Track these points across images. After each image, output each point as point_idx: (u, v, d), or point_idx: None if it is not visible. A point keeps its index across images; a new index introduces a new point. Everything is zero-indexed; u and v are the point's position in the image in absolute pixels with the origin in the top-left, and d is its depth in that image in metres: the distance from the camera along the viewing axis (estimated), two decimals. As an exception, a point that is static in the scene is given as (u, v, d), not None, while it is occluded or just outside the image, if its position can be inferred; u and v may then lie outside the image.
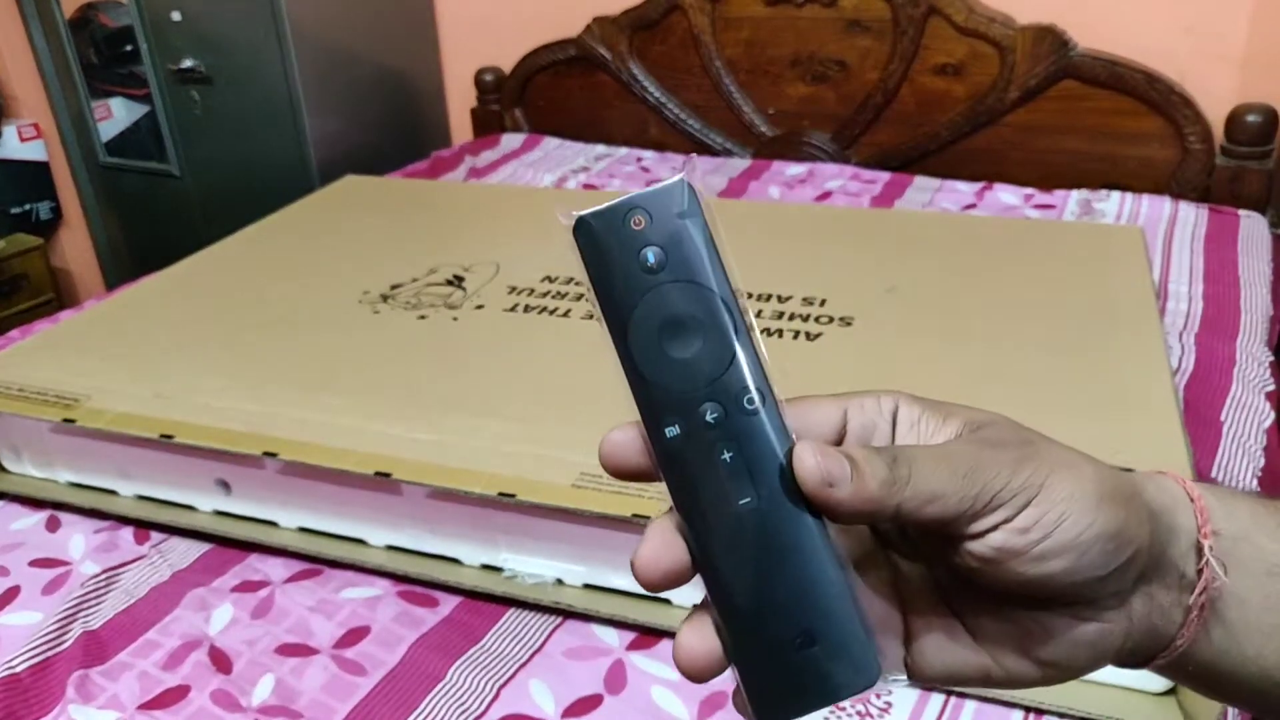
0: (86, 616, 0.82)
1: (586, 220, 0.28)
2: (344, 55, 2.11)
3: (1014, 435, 0.30)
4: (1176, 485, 0.32)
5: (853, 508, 0.28)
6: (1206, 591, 0.30)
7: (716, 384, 0.28)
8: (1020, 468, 0.29)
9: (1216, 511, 0.31)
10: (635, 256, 0.28)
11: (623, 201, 0.28)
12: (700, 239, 0.28)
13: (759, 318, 1.08)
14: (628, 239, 0.28)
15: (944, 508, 0.28)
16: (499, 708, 0.73)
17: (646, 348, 0.27)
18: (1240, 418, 1.03)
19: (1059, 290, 1.11)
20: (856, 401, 0.32)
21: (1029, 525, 0.28)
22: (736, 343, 0.28)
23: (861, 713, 0.71)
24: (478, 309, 1.13)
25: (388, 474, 0.82)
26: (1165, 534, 0.31)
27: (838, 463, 0.28)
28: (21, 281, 2.46)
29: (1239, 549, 0.31)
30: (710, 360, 0.28)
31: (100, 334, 1.11)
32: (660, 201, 0.28)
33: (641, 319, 0.27)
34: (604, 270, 0.28)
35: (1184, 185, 1.66)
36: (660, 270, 0.28)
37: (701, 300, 0.28)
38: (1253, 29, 1.63)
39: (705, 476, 0.27)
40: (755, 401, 0.28)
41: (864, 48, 1.84)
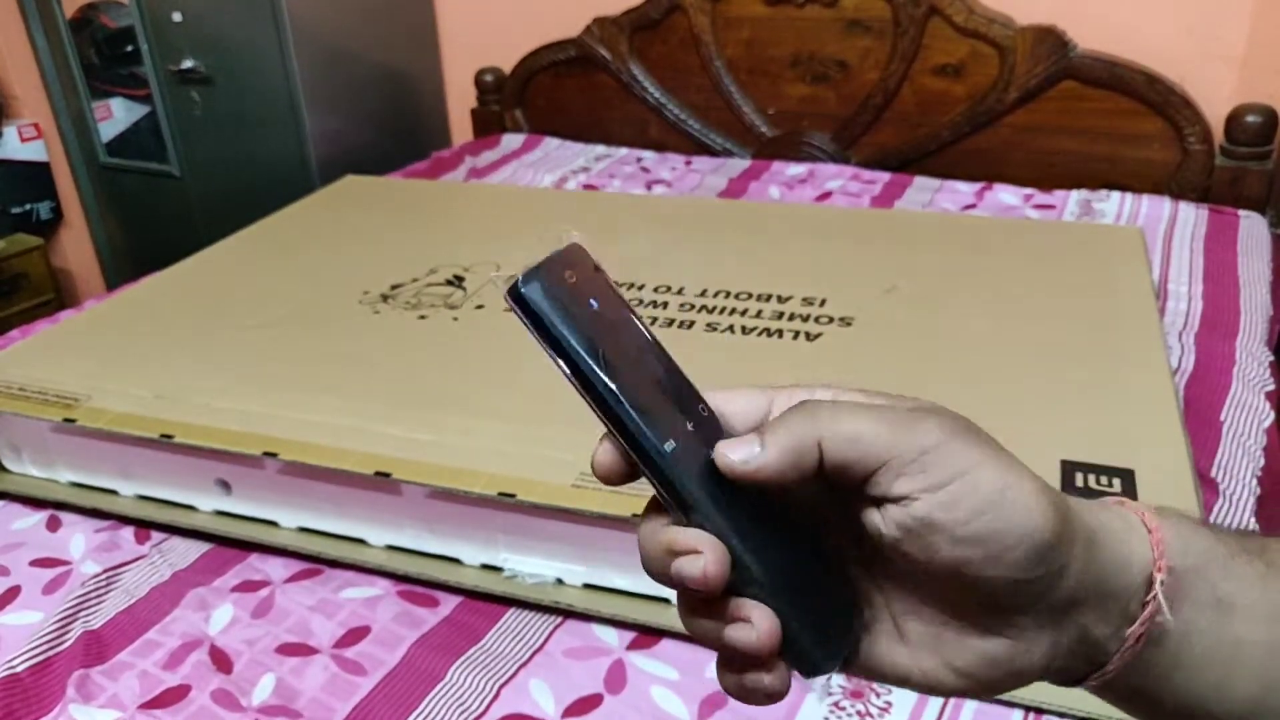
0: (87, 616, 0.83)
1: (533, 279, 0.29)
2: (344, 55, 2.11)
3: (960, 421, 0.30)
4: (1134, 515, 0.31)
5: (779, 468, 0.29)
6: (1148, 627, 0.30)
7: (680, 400, 0.31)
8: (954, 439, 0.28)
9: (1173, 545, 0.30)
10: (583, 307, 0.30)
11: (549, 261, 0.30)
12: (614, 288, 0.31)
13: (759, 318, 1.08)
14: (572, 290, 0.30)
15: (866, 450, 0.28)
16: (499, 707, 0.73)
17: (624, 381, 0.29)
18: (1240, 417, 1.03)
19: (1059, 290, 1.11)
20: (785, 395, 0.32)
21: (954, 501, 0.28)
22: (673, 364, 0.31)
23: (861, 712, 0.71)
24: (478, 309, 1.13)
25: (388, 474, 0.82)
26: (1110, 564, 0.30)
27: (745, 442, 0.29)
28: (22, 281, 2.46)
29: (1189, 582, 0.30)
30: (669, 384, 0.31)
31: (101, 334, 1.11)
32: (575, 259, 0.30)
33: (613, 357, 0.29)
34: (561, 322, 0.29)
35: (1184, 185, 1.66)
36: (602, 316, 0.30)
37: (638, 334, 0.31)
38: (1253, 29, 1.63)
39: (706, 474, 0.30)
40: (706, 410, 0.31)
41: (864, 48, 1.84)
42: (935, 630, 0.31)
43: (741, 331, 1.05)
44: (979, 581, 0.29)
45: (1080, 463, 0.79)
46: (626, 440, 0.30)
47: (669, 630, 0.78)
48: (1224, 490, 0.92)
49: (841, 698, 0.72)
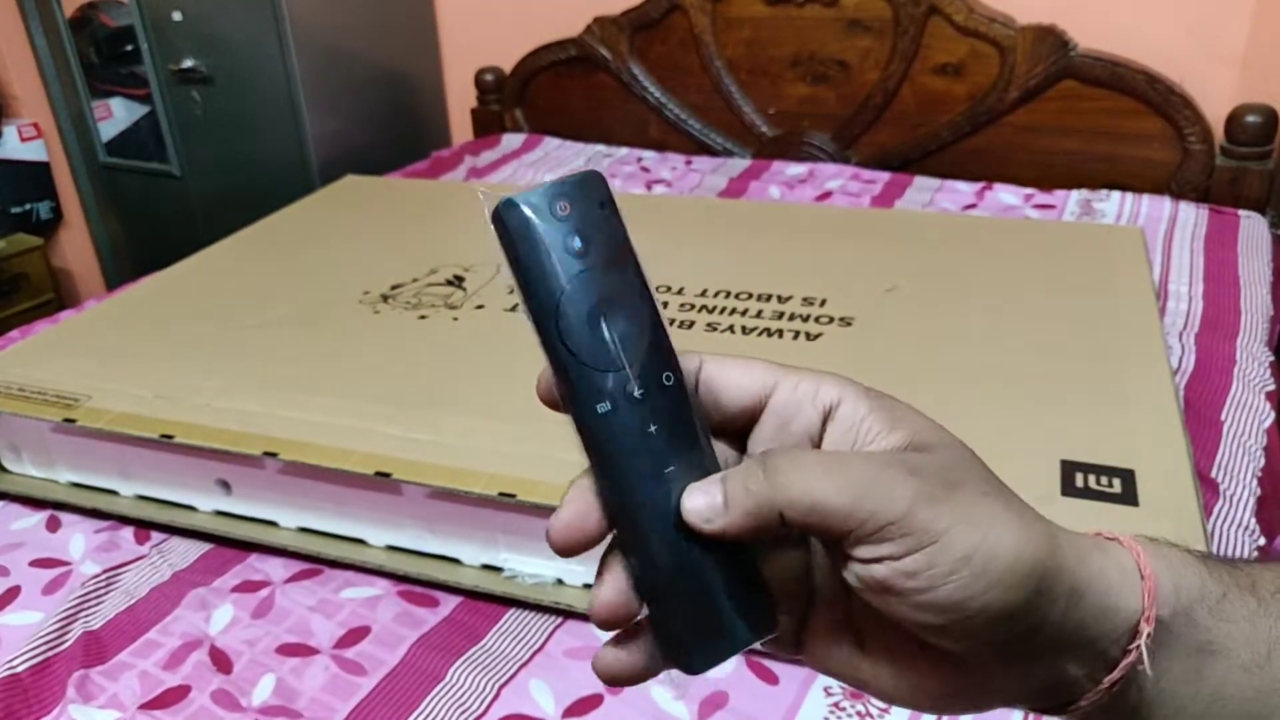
0: (87, 616, 0.83)
1: (515, 202, 0.28)
2: (345, 55, 2.11)
3: (944, 470, 0.28)
4: (1130, 557, 0.30)
5: (738, 531, 0.28)
6: (1126, 673, 0.29)
7: (640, 364, 0.29)
8: (921, 507, 0.27)
9: (1165, 590, 0.29)
10: (563, 241, 0.28)
11: (548, 187, 0.28)
12: (619, 229, 0.29)
13: (759, 318, 1.08)
14: (556, 224, 0.28)
15: (826, 521, 0.27)
16: (499, 708, 0.73)
17: (577, 329, 0.28)
18: (1240, 417, 1.03)
19: (1059, 290, 1.11)
20: (791, 380, 0.31)
21: (914, 571, 0.27)
22: (656, 327, 0.30)
23: (861, 712, 0.71)
24: (478, 309, 1.13)
25: (388, 474, 0.82)
26: (1094, 614, 0.28)
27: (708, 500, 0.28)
28: (22, 281, 2.46)
29: (1176, 627, 0.29)
30: (634, 342, 0.29)
31: (101, 334, 1.11)
32: (581, 191, 0.29)
33: (571, 301, 0.28)
34: (532, 253, 0.28)
35: (1184, 185, 1.66)
36: (585, 256, 0.29)
37: (624, 286, 0.29)
38: (1253, 29, 1.63)
39: (635, 448, 0.29)
40: (672, 379, 0.29)
41: (864, 48, 1.84)
42: (897, 651, 0.30)
43: (742, 331, 1.04)
44: (944, 639, 0.28)
45: (1080, 463, 0.79)
46: (562, 385, 0.29)
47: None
48: (1224, 490, 0.92)
49: (842, 698, 0.72)
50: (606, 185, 0.29)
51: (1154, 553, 0.30)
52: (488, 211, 0.29)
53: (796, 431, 0.30)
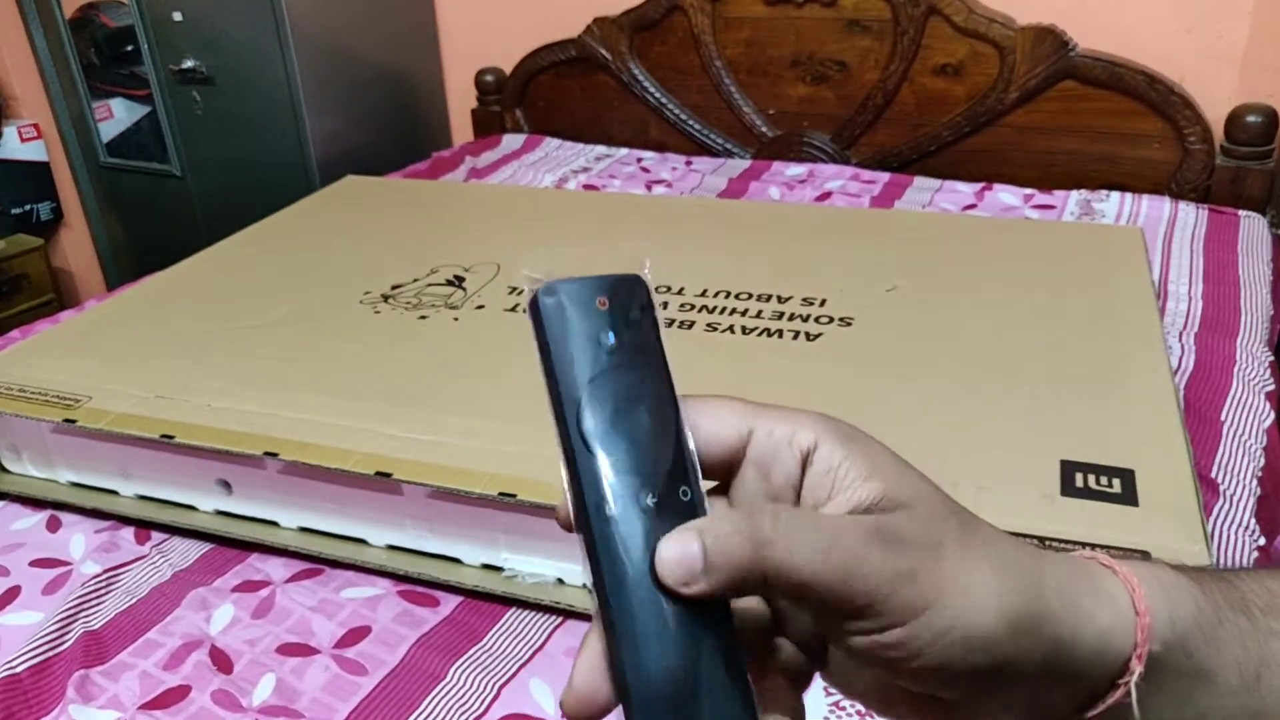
0: (87, 617, 0.83)
1: (555, 289, 0.28)
2: (345, 56, 2.11)
3: (922, 532, 0.28)
4: (1124, 593, 0.29)
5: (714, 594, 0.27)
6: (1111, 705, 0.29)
7: (657, 472, 0.28)
8: (902, 587, 0.26)
9: (1160, 621, 0.29)
10: (596, 334, 0.28)
11: (591, 280, 0.28)
12: (654, 335, 0.29)
13: (759, 318, 1.08)
14: (592, 316, 0.28)
15: (814, 596, 0.26)
16: (499, 707, 0.73)
17: (597, 424, 0.27)
18: (1240, 417, 1.03)
19: (1059, 291, 1.11)
20: (767, 423, 0.29)
21: (897, 643, 0.27)
22: (679, 439, 0.28)
23: (861, 712, 0.71)
24: (478, 309, 1.13)
25: (388, 474, 0.82)
26: (1082, 656, 0.28)
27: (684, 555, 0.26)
28: (22, 282, 2.46)
29: (1168, 655, 0.29)
30: (654, 448, 0.28)
31: (101, 334, 1.11)
32: (623, 290, 0.29)
33: (595, 395, 0.27)
34: (563, 340, 0.28)
35: (1184, 186, 1.66)
36: (616, 353, 0.28)
37: (652, 392, 0.28)
38: (1253, 29, 1.63)
39: (638, 560, 0.27)
40: (689, 495, 0.28)
41: (864, 48, 1.84)
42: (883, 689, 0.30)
43: (742, 331, 1.05)
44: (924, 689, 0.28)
45: (1080, 463, 0.79)
46: (571, 483, 0.27)
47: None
48: (1224, 490, 0.92)
49: (841, 698, 0.72)
50: (649, 290, 0.29)
51: (1150, 581, 0.30)
52: (527, 294, 0.28)
53: (778, 481, 0.29)
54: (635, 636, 0.27)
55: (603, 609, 0.27)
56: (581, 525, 0.27)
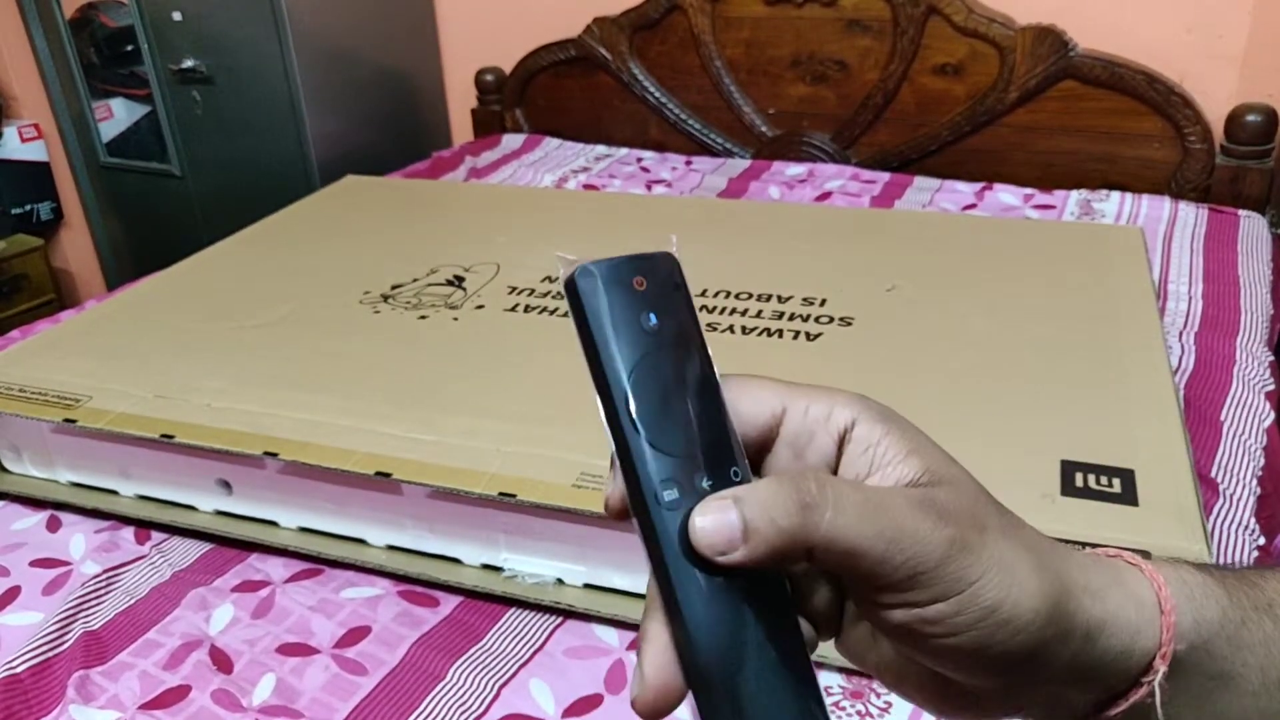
0: (87, 617, 0.83)
1: (592, 270, 0.27)
2: (345, 55, 2.11)
3: (968, 508, 0.27)
4: (1150, 590, 0.29)
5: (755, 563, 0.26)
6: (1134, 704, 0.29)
7: (709, 454, 0.27)
8: (953, 557, 0.26)
9: (1184, 622, 0.29)
10: (638, 316, 0.27)
11: (626, 260, 0.27)
12: (692, 313, 0.28)
13: (759, 318, 1.08)
14: (631, 297, 0.27)
15: (858, 565, 0.26)
16: (499, 707, 0.73)
17: (648, 408, 0.27)
18: (1240, 417, 1.03)
19: (1059, 290, 1.11)
20: (803, 401, 0.29)
21: (939, 618, 0.26)
22: (725, 419, 0.28)
23: (861, 712, 0.71)
24: (478, 309, 1.13)
25: (388, 474, 0.82)
26: (1108, 653, 0.28)
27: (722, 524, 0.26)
28: (22, 282, 2.46)
29: (1192, 659, 0.29)
30: (704, 430, 0.27)
31: (101, 334, 1.11)
32: (658, 268, 0.28)
33: (642, 379, 0.27)
34: (606, 323, 0.27)
35: (1184, 185, 1.66)
36: (659, 334, 0.27)
37: (697, 371, 0.28)
38: (1253, 29, 1.63)
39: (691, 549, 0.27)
40: (740, 474, 0.27)
41: (864, 48, 1.84)
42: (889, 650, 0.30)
43: (742, 331, 1.05)
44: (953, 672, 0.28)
45: (1080, 462, 0.79)
46: (625, 470, 0.27)
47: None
48: (1224, 490, 0.92)
49: (841, 698, 0.72)
50: (679, 266, 0.28)
51: (1175, 581, 0.29)
52: (563, 276, 0.27)
53: (813, 460, 0.29)
54: (704, 621, 0.26)
55: (666, 597, 0.26)
56: (639, 512, 0.27)
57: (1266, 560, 0.87)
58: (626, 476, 0.27)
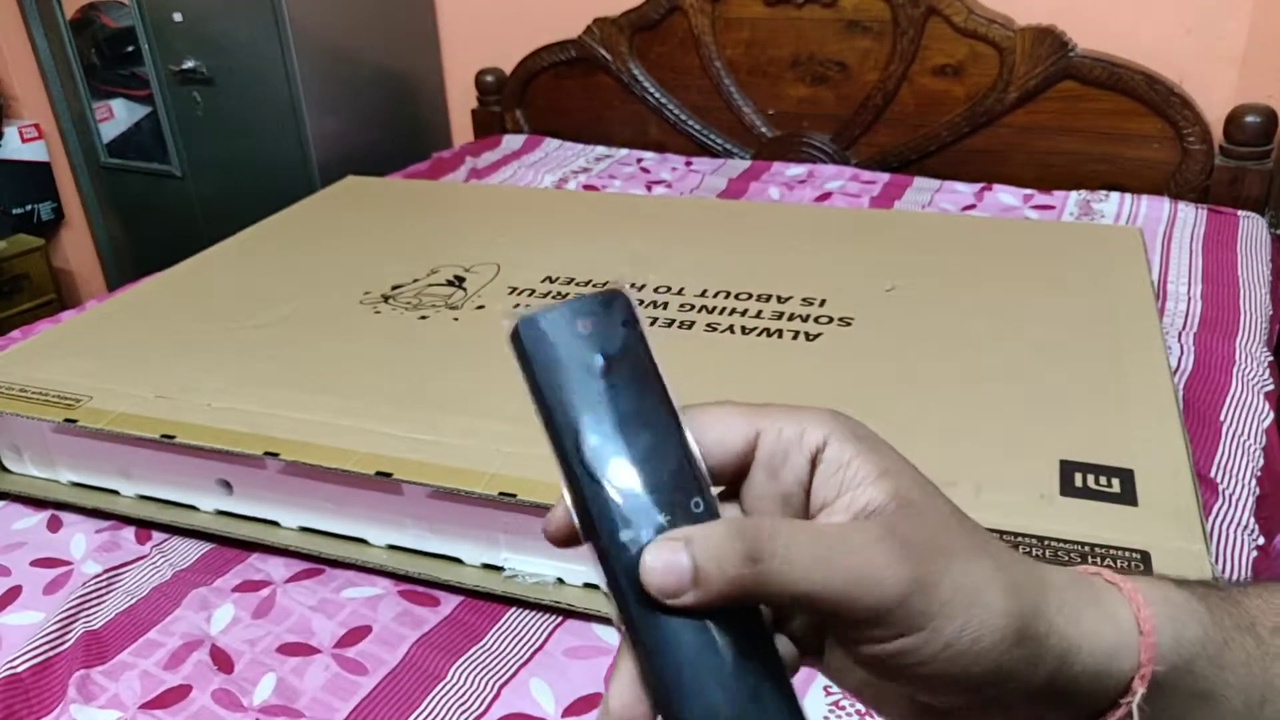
0: (88, 616, 0.83)
1: (534, 320, 0.27)
2: (345, 56, 2.11)
3: (932, 537, 0.27)
4: (1128, 610, 0.29)
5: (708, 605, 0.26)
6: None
7: (666, 489, 0.27)
8: (912, 595, 0.26)
9: (1165, 643, 0.28)
10: (584, 359, 0.27)
11: (570, 304, 0.27)
12: (643, 349, 0.28)
13: (759, 318, 1.08)
14: (577, 341, 0.27)
15: (816, 609, 0.26)
16: (500, 707, 0.73)
17: (599, 452, 0.26)
18: (1240, 417, 1.03)
19: (1058, 291, 1.12)
20: (774, 424, 0.29)
21: (902, 651, 0.26)
22: (684, 451, 0.28)
23: (861, 711, 0.71)
24: (478, 309, 1.13)
25: (389, 474, 0.82)
26: (1084, 676, 0.28)
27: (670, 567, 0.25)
28: (23, 282, 2.47)
29: (1173, 679, 0.29)
30: (660, 466, 0.27)
31: (102, 334, 1.11)
32: (604, 308, 0.28)
33: (592, 422, 0.27)
34: (551, 372, 0.27)
35: (1183, 186, 1.66)
36: (607, 375, 0.27)
37: (649, 407, 0.27)
38: (1252, 29, 1.63)
39: None
40: (700, 506, 0.27)
41: (863, 48, 1.84)
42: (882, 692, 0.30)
43: (741, 331, 1.05)
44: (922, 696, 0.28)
45: (1080, 463, 0.79)
46: (580, 514, 0.27)
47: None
48: (1223, 490, 0.92)
49: (841, 697, 0.72)
50: (630, 303, 0.28)
51: (1157, 601, 0.29)
52: (507, 329, 0.27)
53: (787, 480, 0.29)
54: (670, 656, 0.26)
55: (631, 634, 0.26)
56: (598, 553, 0.27)
57: (1265, 560, 0.87)
58: (581, 520, 0.27)
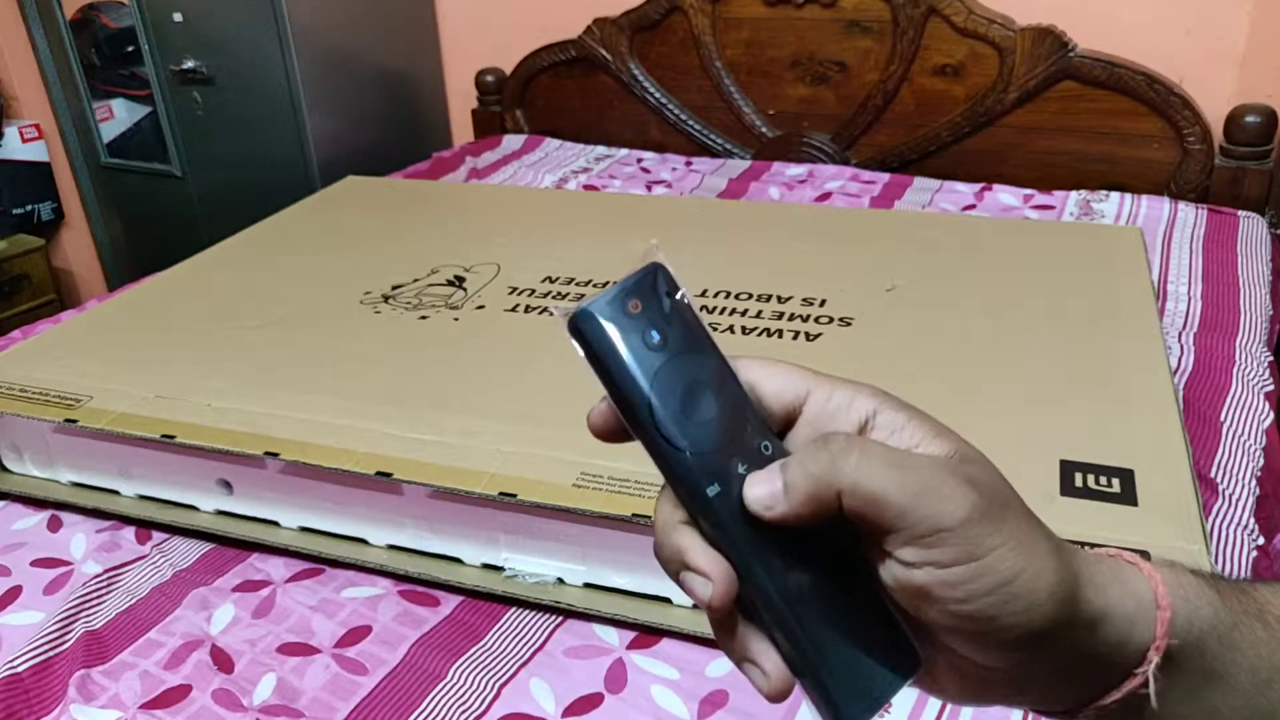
0: (88, 616, 0.83)
1: (589, 312, 0.29)
2: (345, 56, 2.11)
3: (994, 485, 0.29)
4: (1147, 586, 0.30)
5: (798, 515, 0.28)
6: (1126, 695, 0.29)
7: (737, 440, 0.29)
8: (976, 520, 0.27)
9: (1179, 619, 0.30)
10: (641, 338, 0.29)
11: (617, 290, 0.29)
12: (691, 314, 0.30)
13: (759, 318, 1.08)
14: (631, 323, 0.29)
15: (883, 513, 0.27)
16: (500, 707, 0.73)
17: (672, 420, 0.29)
18: (1240, 417, 1.03)
19: (1058, 291, 1.12)
20: (826, 388, 0.31)
21: (956, 582, 0.27)
22: (744, 399, 0.30)
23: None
24: (479, 309, 1.13)
25: (389, 474, 0.82)
26: (1107, 643, 0.29)
27: (769, 488, 0.28)
28: (23, 282, 2.47)
29: (1184, 653, 0.30)
30: (728, 420, 0.29)
31: (102, 334, 1.11)
32: (648, 285, 0.30)
33: (662, 395, 0.29)
34: (614, 356, 0.29)
35: (1183, 186, 1.66)
36: (665, 347, 0.29)
37: (707, 367, 0.30)
38: (1252, 29, 1.63)
39: (754, 524, 0.29)
40: (770, 448, 0.30)
41: (864, 49, 1.84)
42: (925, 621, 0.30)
43: (742, 332, 1.05)
44: (960, 647, 0.29)
45: (1080, 463, 0.79)
46: (669, 479, 0.29)
47: (669, 630, 0.78)
48: (1223, 490, 0.92)
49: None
50: (669, 273, 0.30)
51: (1172, 581, 0.30)
52: (563, 325, 0.29)
53: None
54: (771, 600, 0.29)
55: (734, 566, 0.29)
56: (693, 511, 0.29)
57: (1265, 560, 0.87)
58: (672, 484, 0.29)
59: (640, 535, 0.76)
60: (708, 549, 0.29)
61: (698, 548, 0.29)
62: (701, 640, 0.77)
